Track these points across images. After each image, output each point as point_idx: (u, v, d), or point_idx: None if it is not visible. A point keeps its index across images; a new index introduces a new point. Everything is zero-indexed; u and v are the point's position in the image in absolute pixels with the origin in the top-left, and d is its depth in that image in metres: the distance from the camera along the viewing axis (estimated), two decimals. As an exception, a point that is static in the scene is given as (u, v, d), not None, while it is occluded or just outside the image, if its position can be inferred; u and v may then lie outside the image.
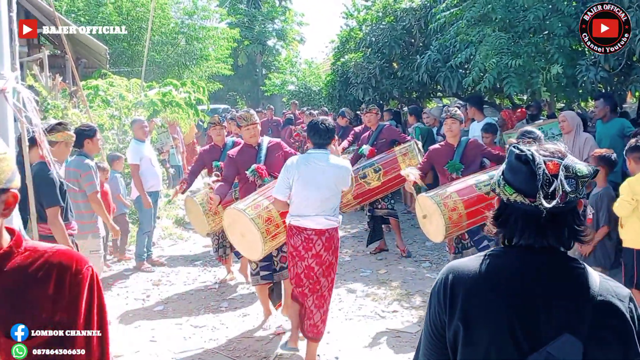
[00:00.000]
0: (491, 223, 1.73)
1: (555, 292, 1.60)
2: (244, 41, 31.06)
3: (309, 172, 4.71)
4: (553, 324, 1.56)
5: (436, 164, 6.27)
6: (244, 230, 5.12)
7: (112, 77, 11.69)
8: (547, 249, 1.64)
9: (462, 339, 1.66)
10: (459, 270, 1.72)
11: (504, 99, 12.32)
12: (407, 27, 11.93)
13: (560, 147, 1.66)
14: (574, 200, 1.60)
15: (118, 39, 20.56)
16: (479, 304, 1.65)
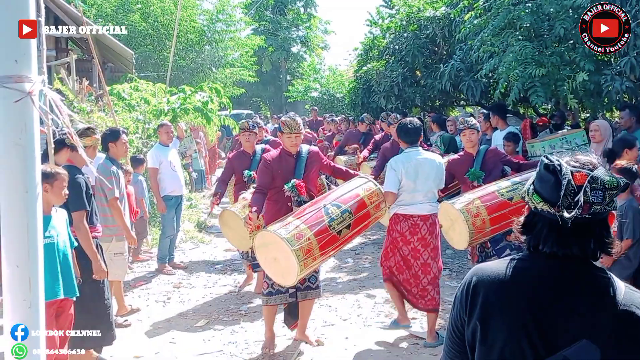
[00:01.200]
0: (518, 230, 1.77)
1: (575, 298, 1.62)
2: (268, 48, 31.24)
3: (413, 167, 5.45)
4: (571, 329, 1.58)
5: (457, 173, 6.21)
6: (279, 256, 4.76)
7: (138, 81, 11.84)
8: (571, 257, 1.66)
9: (479, 338, 1.71)
10: (483, 272, 1.78)
11: (528, 108, 12.25)
12: (430, 36, 11.91)
13: (592, 159, 1.68)
14: (602, 212, 1.62)
15: (144, 44, 20.86)
16: (497, 304, 1.69)
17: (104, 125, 8.45)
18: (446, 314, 6.24)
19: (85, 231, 4.70)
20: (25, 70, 1.92)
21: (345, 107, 17.16)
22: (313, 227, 4.72)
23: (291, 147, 5.26)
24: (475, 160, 6.12)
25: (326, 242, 4.76)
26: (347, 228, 4.93)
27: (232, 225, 6.21)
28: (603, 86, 7.23)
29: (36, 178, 1.98)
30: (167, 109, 10.43)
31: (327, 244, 4.78)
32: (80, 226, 4.67)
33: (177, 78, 20.63)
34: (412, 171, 5.44)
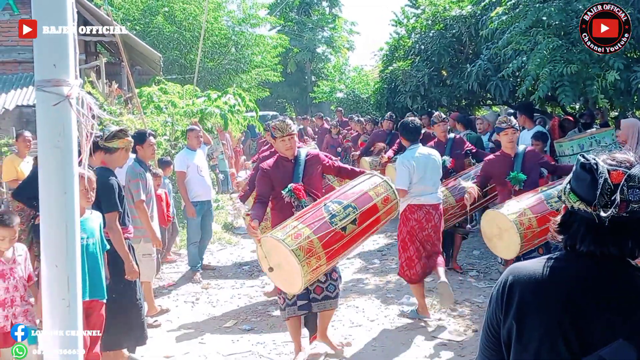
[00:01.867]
0: (555, 230, 1.77)
1: (612, 298, 1.62)
2: (293, 49, 31.32)
3: (421, 162, 6.01)
4: (607, 329, 1.58)
5: (494, 175, 6.10)
6: (281, 261, 4.57)
7: (166, 84, 11.98)
8: (608, 256, 1.65)
9: (515, 337, 1.71)
10: (519, 270, 1.78)
11: (555, 107, 12.11)
12: (456, 35, 11.84)
13: (629, 157, 1.67)
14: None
15: (170, 47, 21.06)
16: (534, 303, 1.69)
17: (133, 128, 8.55)
18: (474, 314, 6.22)
19: (118, 232, 4.78)
20: (63, 74, 1.97)
21: (371, 108, 17.12)
22: (312, 226, 4.54)
23: (287, 151, 5.08)
24: (515, 162, 5.99)
25: (329, 239, 4.55)
26: (352, 223, 4.71)
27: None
28: (633, 83, 7.13)
29: (74, 180, 2.02)
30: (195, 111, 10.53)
31: (332, 242, 4.56)
32: (113, 227, 4.74)
33: (203, 80, 20.79)
34: (420, 166, 6.01)
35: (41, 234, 2.02)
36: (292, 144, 5.09)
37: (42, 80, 1.96)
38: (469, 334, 5.73)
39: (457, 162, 7.67)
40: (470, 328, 5.87)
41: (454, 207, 7.00)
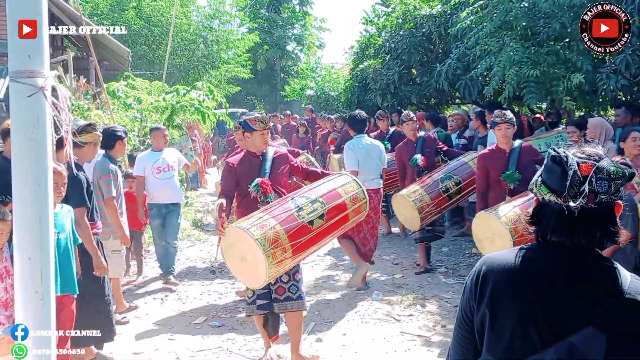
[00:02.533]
0: (527, 221, 1.82)
1: (580, 287, 1.67)
2: (263, 46, 31.22)
3: (364, 150, 6.99)
4: (578, 317, 1.63)
5: (490, 171, 5.98)
6: (245, 252, 4.43)
7: (134, 79, 11.85)
8: (579, 246, 1.71)
9: (488, 326, 1.75)
10: (492, 260, 1.82)
11: (522, 107, 12.31)
12: (426, 34, 11.97)
13: (598, 151, 1.73)
14: (609, 201, 1.66)
15: (139, 43, 20.85)
16: (506, 293, 1.73)
17: (101, 124, 8.44)
18: (443, 310, 6.30)
19: (86, 228, 4.73)
20: (38, 65, 1.95)
21: (341, 106, 17.18)
22: (279, 217, 4.46)
23: (263, 145, 5.01)
24: (510, 159, 5.90)
25: (296, 231, 4.45)
26: (320, 218, 4.64)
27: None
28: (598, 84, 7.28)
29: (48, 172, 2.01)
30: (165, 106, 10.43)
31: (298, 235, 4.46)
32: (81, 223, 4.69)
33: (172, 76, 20.63)
34: (363, 153, 6.99)
35: (14, 226, 2.00)
36: (267, 138, 5.08)
37: (17, 72, 1.94)
38: (437, 329, 5.80)
39: (428, 161, 7.70)
40: (439, 323, 5.94)
41: (429, 205, 7.00)
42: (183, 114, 11.09)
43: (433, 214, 7.19)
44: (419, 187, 7.13)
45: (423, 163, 7.62)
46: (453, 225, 9.88)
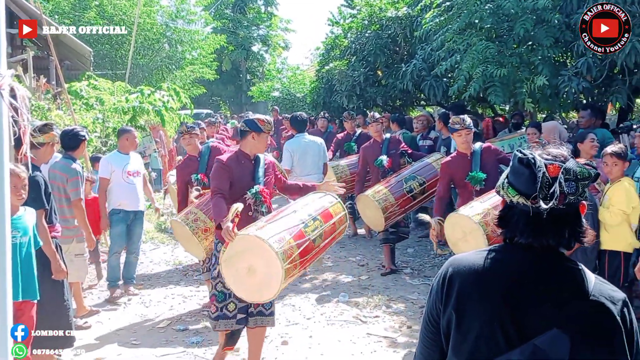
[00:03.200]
0: (495, 223, 1.81)
1: (548, 289, 1.67)
2: (228, 46, 31.05)
3: (303, 148, 7.74)
4: (543, 319, 1.63)
5: (455, 177, 5.99)
6: (256, 264, 4.14)
7: (96, 79, 11.64)
8: (546, 248, 1.71)
9: (454, 327, 1.74)
10: (459, 262, 1.81)
11: (486, 109, 12.47)
12: (392, 36, 12.02)
13: (563, 152, 1.73)
14: (576, 202, 1.67)
15: (101, 42, 20.54)
16: (472, 294, 1.72)
17: (62, 124, 8.26)
18: (408, 311, 6.31)
19: (44, 230, 4.60)
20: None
21: (307, 107, 17.17)
22: (291, 232, 4.23)
23: (263, 148, 4.87)
24: (473, 161, 5.92)
25: (305, 248, 4.27)
26: (320, 237, 4.47)
27: (182, 234, 5.94)
28: (560, 87, 7.40)
29: (5, 173, 1.93)
30: (127, 107, 10.26)
31: (306, 251, 4.29)
32: (39, 225, 4.56)
33: (136, 77, 20.37)
34: (302, 151, 7.76)
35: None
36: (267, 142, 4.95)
37: (-29, 70, 1.86)
38: (403, 330, 5.81)
39: (393, 162, 7.72)
40: (405, 324, 5.95)
41: (393, 205, 7.03)
42: (147, 115, 10.92)
43: (397, 214, 7.20)
44: (383, 187, 7.16)
45: (388, 164, 7.65)
46: (418, 226, 9.93)
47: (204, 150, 6.57)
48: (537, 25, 7.55)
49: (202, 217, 5.78)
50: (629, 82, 7.35)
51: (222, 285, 4.65)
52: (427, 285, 6.97)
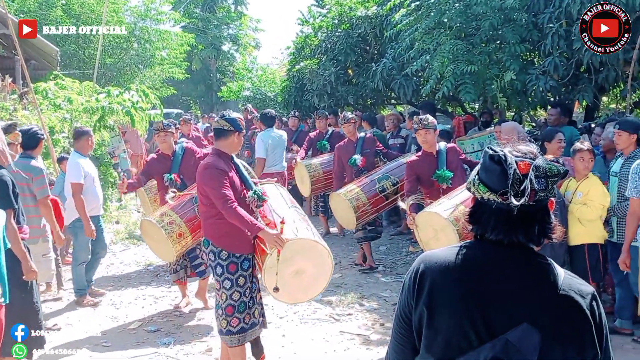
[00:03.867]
0: (466, 220, 1.81)
1: (517, 284, 1.68)
2: (198, 46, 30.82)
3: (274, 141, 8.88)
4: (513, 314, 1.64)
5: (422, 175, 6.06)
6: (306, 266, 4.42)
7: (63, 79, 11.45)
8: (515, 244, 1.72)
9: (426, 324, 1.74)
10: (430, 258, 1.81)
11: (456, 107, 12.56)
12: (362, 35, 12.06)
13: (532, 149, 1.74)
14: (545, 199, 1.68)
15: (68, 41, 20.23)
16: (443, 290, 1.73)
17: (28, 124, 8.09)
18: (381, 308, 6.34)
19: (13, 231, 4.51)
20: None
21: (278, 106, 17.12)
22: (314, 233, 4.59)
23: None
24: (439, 160, 6.00)
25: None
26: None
27: (153, 235, 5.83)
28: (528, 85, 7.51)
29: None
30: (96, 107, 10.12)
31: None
32: (8, 226, 4.47)
33: (104, 76, 20.09)
34: (272, 143, 8.85)
35: None
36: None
37: None
38: (376, 328, 5.83)
39: (367, 161, 7.72)
40: (377, 322, 5.97)
41: (366, 204, 7.04)
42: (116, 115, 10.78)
43: (369, 214, 7.20)
44: (355, 186, 7.16)
45: (362, 163, 7.65)
46: (390, 224, 9.98)
47: (178, 150, 6.49)
48: (505, 24, 7.64)
49: (178, 221, 5.70)
50: (595, 81, 7.48)
51: (239, 294, 4.48)
52: (399, 283, 7.00)
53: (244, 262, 4.51)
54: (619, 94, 8.93)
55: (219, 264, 4.50)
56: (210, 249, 4.54)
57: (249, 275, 4.55)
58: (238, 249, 4.49)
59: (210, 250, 4.54)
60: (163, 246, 5.75)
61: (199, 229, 5.63)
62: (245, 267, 4.52)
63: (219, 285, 4.51)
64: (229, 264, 4.47)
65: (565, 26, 7.36)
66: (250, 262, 4.55)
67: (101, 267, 7.80)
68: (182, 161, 6.42)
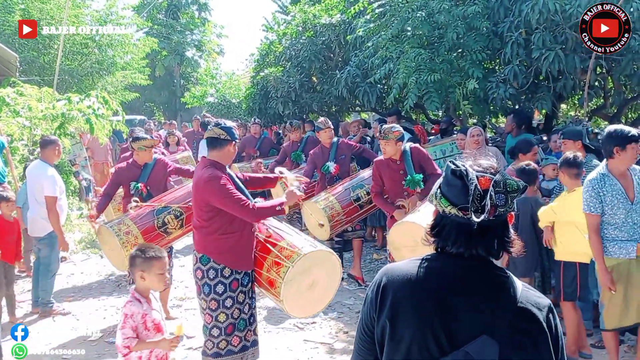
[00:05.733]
0: (427, 232, 1.84)
1: (477, 296, 1.70)
2: (161, 51, 30.53)
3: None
4: (473, 326, 1.66)
5: (384, 179, 6.06)
6: (321, 278, 4.40)
7: (22, 85, 11.22)
8: (475, 257, 1.74)
9: (389, 336, 1.76)
10: (392, 271, 1.83)
11: (420, 114, 12.67)
12: (326, 42, 12.10)
13: (493, 164, 1.77)
14: (504, 213, 1.71)
15: (27, 47, 19.85)
16: (405, 303, 1.74)
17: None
18: (345, 316, 6.34)
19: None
20: None
21: (243, 113, 17.06)
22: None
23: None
24: (406, 165, 5.97)
25: None
26: None
27: (109, 242, 5.72)
28: (489, 93, 7.61)
29: None
30: (56, 114, 9.93)
31: None
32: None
33: (65, 82, 19.75)
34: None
35: None
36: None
37: None
38: (340, 336, 5.83)
39: (342, 168, 7.55)
40: (341, 330, 5.97)
41: (340, 213, 6.84)
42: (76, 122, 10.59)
43: (343, 223, 7.02)
44: (329, 194, 6.98)
45: (335, 170, 7.50)
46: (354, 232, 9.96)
47: (149, 162, 6.40)
48: (467, 33, 7.75)
49: (135, 231, 5.61)
50: (553, 89, 7.61)
51: (239, 312, 4.36)
52: (363, 291, 7.01)
53: (244, 277, 4.38)
54: (577, 102, 9.11)
55: (221, 282, 4.31)
56: (211, 266, 4.30)
57: (248, 290, 4.42)
58: (241, 266, 4.34)
59: (210, 267, 4.31)
60: (116, 254, 5.64)
61: (155, 241, 5.59)
62: (244, 282, 4.38)
63: (216, 304, 4.29)
64: (231, 282, 4.31)
65: (524, 35, 7.49)
66: (249, 277, 4.41)
67: (61, 277, 7.70)
68: (151, 172, 6.34)
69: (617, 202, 4.45)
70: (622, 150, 4.39)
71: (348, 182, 7.17)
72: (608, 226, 4.52)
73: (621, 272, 4.48)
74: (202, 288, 4.32)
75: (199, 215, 4.36)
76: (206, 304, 4.32)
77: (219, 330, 4.31)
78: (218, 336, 4.31)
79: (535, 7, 6.94)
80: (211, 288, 4.30)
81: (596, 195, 4.47)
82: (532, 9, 7.02)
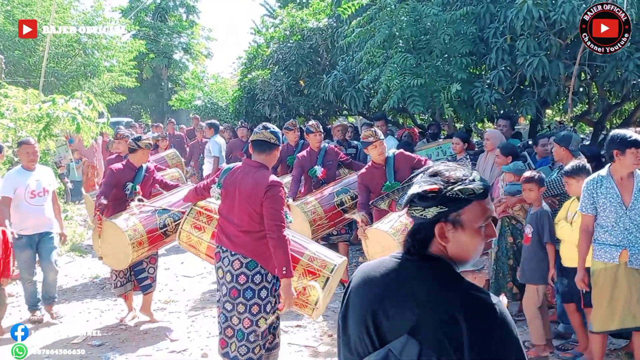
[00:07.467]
0: None
1: (413, 295, 1.73)
2: (149, 54, 30.42)
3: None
4: (402, 325, 1.70)
5: (371, 187, 6.03)
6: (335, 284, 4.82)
7: (7, 87, 11.15)
8: (428, 257, 1.80)
9: (341, 331, 1.89)
10: (360, 269, 1.94)
11: (406, 119, 12.73)
12: (314, 46, 12.12)
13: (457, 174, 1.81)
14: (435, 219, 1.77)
15: (12, 49, 19.75)
16: (354, 300, 1.86)
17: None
18: (329, 319, 6.35)
19: None
20: None
21: (230, 116, 17.03)
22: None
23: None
24: (387, 170, 5.98)
25: None
26: None
27: (111, 239, 5.70)
28: (474, 97, 7.66)
29: None
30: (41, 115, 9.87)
31: None
32: None
33: (51, 85, 19.64)
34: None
35: None
36: None
37: None
38: (324, 339, 5.83)
39: (329, 173, 7.46)
40: (326, 333, 5.98)
41: (322, 218, 6.78)
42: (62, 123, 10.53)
43: (325, 227, 6.94)
44: (313, 198, 6.92)
45: (322, 175, 7.42)
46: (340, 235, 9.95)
47: (143, 165, 6.37)
48: (454, 38, 7.80)
49: (140, 229, 5.68)
50: (538, 95, 7.67)
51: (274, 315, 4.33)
52: (348, 293, 7.01)
53: (277, 283, 4.29)
54: (562, 108, 9.19)
55: (265, 287, 4.24)
56: (257, 271, 4.22)
57: (278, 295, 4.32)
58: (275, 270, 4.24)
59: (256, 272, 4.22)
60: (119, 252, 5.63)
61: (156, 242, 5.86)
62: (277, 287, 4.30)
63: (257, 308, 4.21)
64: (272, 287, 4.26)
65: (509, 41, 7.55)
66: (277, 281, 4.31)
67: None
68: (143, 177, 6.32)
69: (609, 205, 4.48)
70: (622, 155, 4.42)
71: (332, 187, 7.13)
72: (599, 229, 4.59)
73: (607, 277, 4.53)
74: (243, 292, 4.20)
75: (251, 217, 4.18)
76: (245, 308, 4.21)
77: (256, 336, 4.24)
78: (254, 341, 4.23)
79: (520, 14, 7.00)
80: (255, 293, 4.21)
81: (589, 197, 4.56)
82: (516, 16, 7.08)
